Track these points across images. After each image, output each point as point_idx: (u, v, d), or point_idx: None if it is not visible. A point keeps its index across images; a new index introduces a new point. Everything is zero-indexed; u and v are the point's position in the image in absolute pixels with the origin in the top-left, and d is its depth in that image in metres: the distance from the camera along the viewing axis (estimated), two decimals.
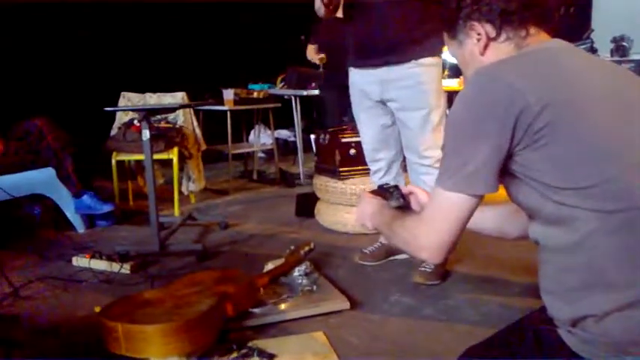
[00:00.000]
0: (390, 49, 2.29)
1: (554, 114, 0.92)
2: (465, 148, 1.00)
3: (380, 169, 2.55)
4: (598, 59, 1.14)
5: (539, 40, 1.08)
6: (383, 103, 2.41)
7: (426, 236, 1.06)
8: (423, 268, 2.30)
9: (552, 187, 0.95)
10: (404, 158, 2.54)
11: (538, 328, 1.05)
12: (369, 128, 2.52)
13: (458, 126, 1.03)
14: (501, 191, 1.06)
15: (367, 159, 2.60)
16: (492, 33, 1.09)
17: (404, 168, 2.57)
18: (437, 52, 2.30)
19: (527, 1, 1.06)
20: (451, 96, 3.67)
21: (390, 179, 2.48)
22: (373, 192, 1.51)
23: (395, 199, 1.44)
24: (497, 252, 2.55)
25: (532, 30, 1.08)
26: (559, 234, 0.97)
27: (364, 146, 2.59)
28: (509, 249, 2.50)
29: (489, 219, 1.35)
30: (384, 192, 1.47)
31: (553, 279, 1.02)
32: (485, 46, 1.11)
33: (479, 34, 1.11)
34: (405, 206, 1.41)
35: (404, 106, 2.35)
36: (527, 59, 1.03)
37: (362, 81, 2.43)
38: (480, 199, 1.02)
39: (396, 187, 1.47)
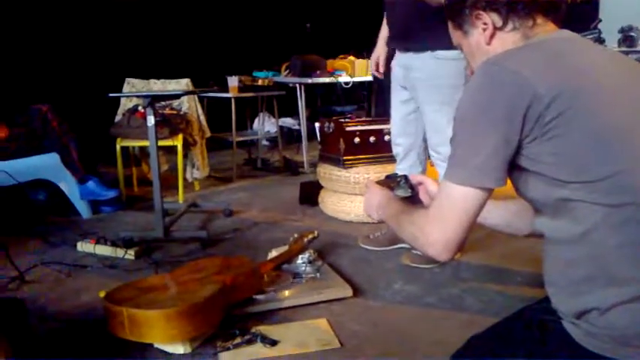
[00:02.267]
0: (407, 35, 2.31)
1: (565, 105, 0.91)
2: (473, 140, 0.98)
3: (398, 153, 2.58)
4: (607, 50, 1.12)
5: (546, 30, 1.07)
6: (405, 88, 2.44)
7: (434, 232, 1.03)
8: (414, 251, 2.30)
9: (559, 180, 0.94)
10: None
11: (542, 319, 1.04)
12: (394, 111, 2.56)
13: (466, 118, 1.00)
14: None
15: (392, 141, 2.64)
16: (499, 22, 1.08)
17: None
18: None
19: None
20: None
21: (406, 166, 2.50)
22: (380, 182, 1.49)
23: (402, 189, 1.41)
24: (500, 242, 2.55)
25: (539, 20, 1.06)
26: (564, 227, 0.97)
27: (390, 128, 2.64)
28: (512, 239, 2.49)
29: (500, 214, 1.33)
30: (391, 182, 1.45)
31: (557, 271, 1.02)
32: (492, 36, 1.10)
33: (485, 24, 1.09)
34: (412, 196, 1.40)
35: (416, 97, 2.36)
36: (535, 49, 1.01)
37: (394, 63, 2.49)
38: (490, 193, 1.00)
39: (405, 177, 1.45)
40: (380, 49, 2.60)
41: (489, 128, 0.96)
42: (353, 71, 4.60)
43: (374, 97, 5.44)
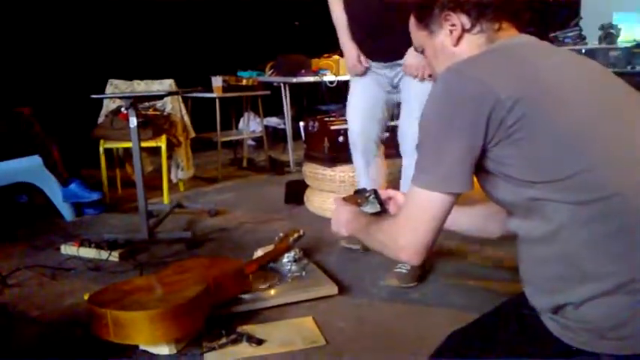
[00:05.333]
0: (395, 53, 2.23)
1: (526, 109, 0.93)
2: (439, 146, 1.00)
3: (356, 143, 2.47)
4: (566, 52, 1.14)
5: (509, 34, 1.09)
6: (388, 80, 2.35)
7: (404, 237, 1.06)
8: (398, 270, 2.18)
9: (525, 181, 0.96)
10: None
11: (521, 313, 1.06)
12: (358, 99, 2.42)
13: (431, 125, 1.02)
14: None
15: (349, 139, 2.50)
16: (467, 24, 1.10)
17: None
18: None
19: None
20: None
21: (368, 159, 2.45)
22: (347, 198, 1.49)
23: (371, 204, 1.42)
24: (483, 237, 2.57)
25: (505, 24, 1.09)
26: (534, 226, 0.98)
27: (349, 124, 2.48)
28: None
29: (471, 220, 1.37)
30: (359, 197, 1.46)
31: (531, 270, 1.04)
32: (459, 38, 1.11)
33: (453, 25, 1.11)
34: (382, 212, 1.39)
35: (409, 95, 2.27)
36: (497, 55, 1.04)
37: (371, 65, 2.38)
38: (457, 197, 1.03)
39: (374, 191, 1.45)
40: (354, 47, 2.41)
41: (454, 134, 0.98)
42: (337, 70, 4.60)
43: None
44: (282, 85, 4.56)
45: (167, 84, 3.85)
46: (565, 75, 1.01)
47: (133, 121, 2.63)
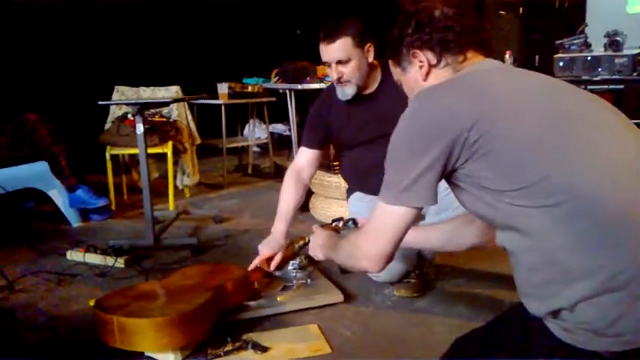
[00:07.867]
0: None
1: (485, 127, 1.00)
2: (404, 165, 1.08)
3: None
4: (522, 71, 1.21)
5: (474, 61, 1.17)
6: None
7: (367, 246, 1.16)
8: (407, 280, 2.15)
9: (497, 190, 1.01)
10: None
11: (524, 317, 1.08)
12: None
13: (399, 145, 1.11)
14: None
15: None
16: (433, 60, 1.18)
17: None
18: None
19: (463, 31, 1.16)
20: None
21: None
22: (325, 226, 1.56)
23: (349, 230, 1.51)
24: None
25: (469, 54, 1.17)
26: (516, 236, 1.03)
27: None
28: None
29: (437, 236, 1.52)
30: (337, 225, 1.56)
31: (523, 279, 1.07)
32: (428, 73, 1.20)
33: (421, 62, 1.19)
34: None
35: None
36: (458, 82, 1.12)
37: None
38: (419, 211, 1.11)
39: (353, 220, 1.53)
40: (280, 240, 2.09)
41: (418, 154, 1.06)
42: None
43: None
44: (287, 91, 4.57)
45: (173, 90, 3.87)
46: (518, 93, 1.08)
47: (140, 128, 2.64)
